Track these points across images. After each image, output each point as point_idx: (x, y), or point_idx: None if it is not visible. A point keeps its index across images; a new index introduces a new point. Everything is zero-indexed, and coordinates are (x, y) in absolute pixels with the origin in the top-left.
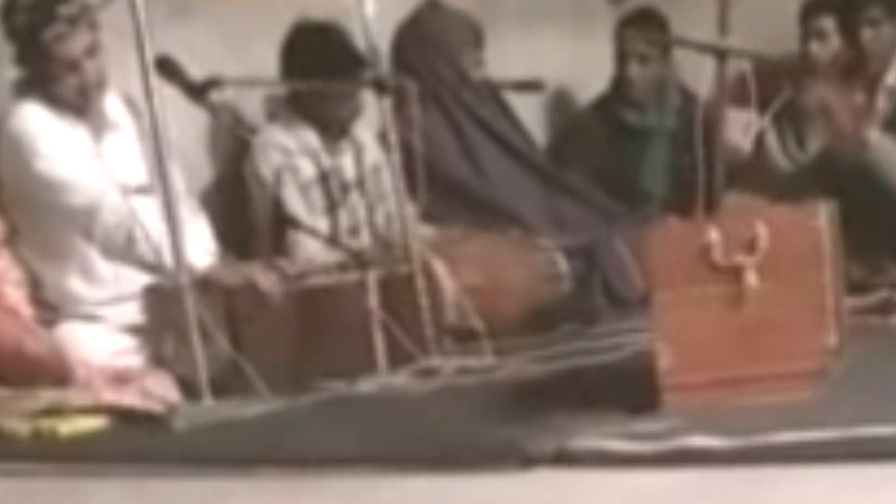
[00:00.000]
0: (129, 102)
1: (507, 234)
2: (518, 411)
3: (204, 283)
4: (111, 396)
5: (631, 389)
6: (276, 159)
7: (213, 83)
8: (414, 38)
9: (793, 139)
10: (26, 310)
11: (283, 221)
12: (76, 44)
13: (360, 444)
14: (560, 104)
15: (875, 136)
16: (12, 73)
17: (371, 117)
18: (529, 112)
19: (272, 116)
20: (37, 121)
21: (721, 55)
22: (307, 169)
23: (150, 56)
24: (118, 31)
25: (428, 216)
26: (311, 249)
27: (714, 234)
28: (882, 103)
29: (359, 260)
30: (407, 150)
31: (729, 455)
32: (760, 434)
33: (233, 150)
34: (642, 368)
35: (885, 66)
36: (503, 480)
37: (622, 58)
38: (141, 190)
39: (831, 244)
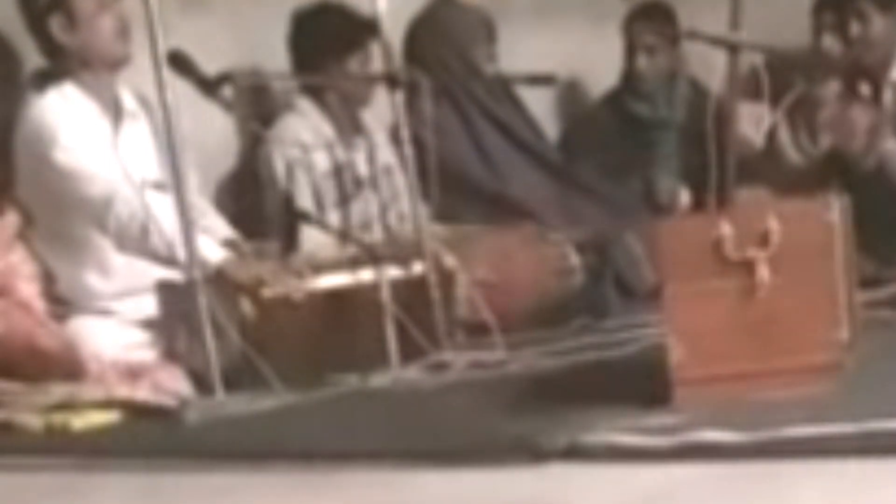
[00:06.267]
0: (142, 98)
1: (519, 228)
2: (530, 405)
3: (216, 278)
4: (124, 391)
5: (642, 384)
6: (290, 151)
7: (225, 78)
8: (426, 32)
9: (805, 133)
10: (39, 304)
11: (295, 215)
12: (102, 27)
13: (372, 439)
14: (572, 98)
15: (891, 144)
16: (32, 64)
17: (383, 114)
18: (541, 106)
19: (288, 107)
20: (57, 112)
21: (733, 49)
22: (321, 161)
23: (162, 51)
24: (130, 25)
25: (440, 215)
26: (321, 244)
27: (726, 228)
28: (889, 100)
29: (371, 254)
30: (419, 144)
31: (741, 449)
32: (772, 428)
33: (249, 142)
34: (654, 363)
35: (889, 62)
36: (515, 474)
37: (631, 51)
38: (156, 186)
39: (843, 238)
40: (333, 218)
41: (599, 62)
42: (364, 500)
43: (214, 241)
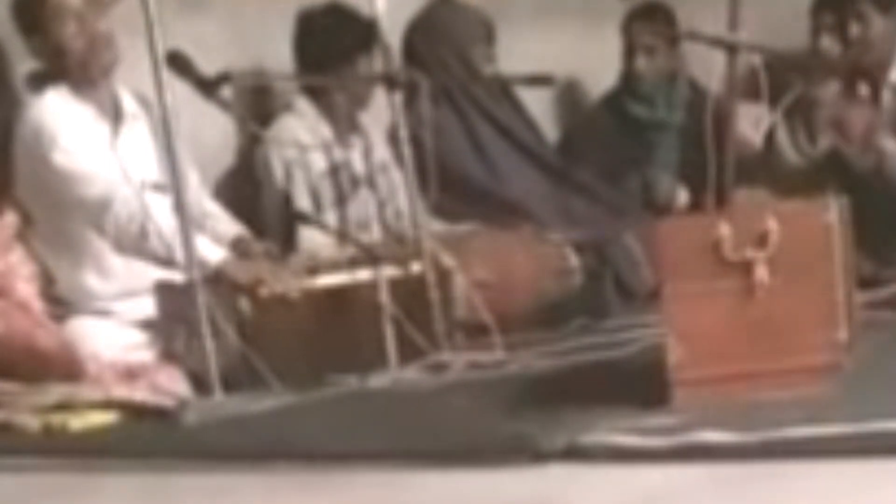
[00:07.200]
0: (142, 100)
1: (518, 229)
2: (528, 406)
3: (215, 279)
4: (122, 391)
5: (641, 384)
6: (287, 152)
7: (223, 78)
8: (425, 33)
9: (803, 134)
10: (38, 305)
11: (294, 216)
12: (84, 45)
13: (372, 439)
14: (570, 99)
15: (890, 145)
16: (27, 66)
17: (381, 113)
18: (540, 107)
19: (286, 107)
20: (56, 113)
21: (732, 49)
22: (319, 161)
23: (160, 51)
24: (129, 26)
25: (439, 212)
26: (320, 244)
27: (724, 229)
28: (887, 100)
29: (370, 255)
30: (417, 145)
31: (739, 450)
32: (771, 429)
33: (246, 142)
34: (652, 363)
35: (887, 63)
36: (514, 475)
37: (630, 51)
38: (157, 187)
39: (842, 239)
40: (331, 218)
41: (598, 63)
42: (364, 500)
43: (225, 240)
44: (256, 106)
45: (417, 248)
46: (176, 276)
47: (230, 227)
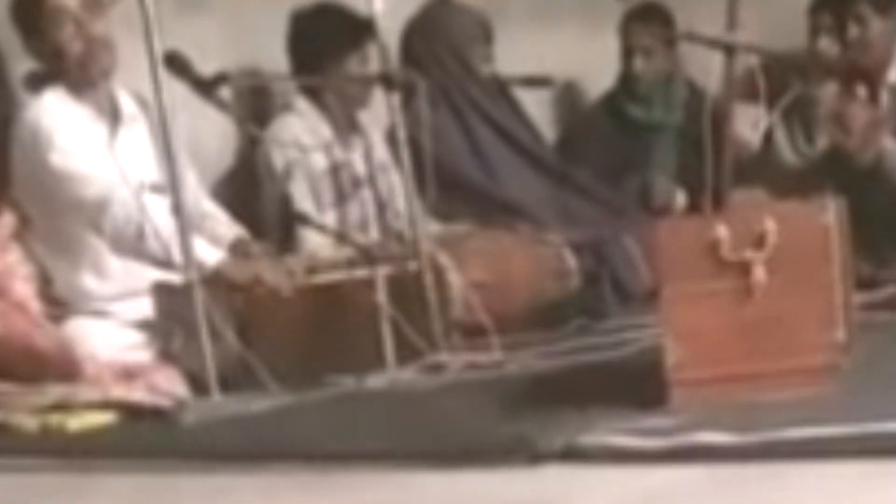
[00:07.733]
0: (141, 101)
1: (515, 229)
2: (526, 407)
3: (213, 279)
4: (119, 392)
5: (639, 385)
6: (288, 152)
7: (221, 79)
8: (423, 33)
9: (801, 135)
10: (35, 305)
11: (293, 217)
12: (82, 48)
13: (369, 440)
14: (569, 100)
15: (889, 143)
16: (24, 66)
17: (379, 114)
18: (538, 108)
19: (286, 107)
20: (54, 114)
21: (730, 50)
22: (319, 161)
23: (158, 51)
24: (127, 26)
25: (436, 213)
26: (318, 244)
27: (722, 230)
28: (885, 101)
29: (367, 256)
30: (415, 145)
31: (737, 451)
32: (769, 430)
33: (245, 142)
34: (650, 364)
35: (886, 64)
36: (511, 476)
37: (627, 52)
38: (155, 188)
39: (840, 240)
40: (331, 218)
41: (596, 64)
42: (362, 500)
43: (224, 241)
44: (255, 106)
45: (415, 248)
46: (174, 277)
47: (229, 228)
